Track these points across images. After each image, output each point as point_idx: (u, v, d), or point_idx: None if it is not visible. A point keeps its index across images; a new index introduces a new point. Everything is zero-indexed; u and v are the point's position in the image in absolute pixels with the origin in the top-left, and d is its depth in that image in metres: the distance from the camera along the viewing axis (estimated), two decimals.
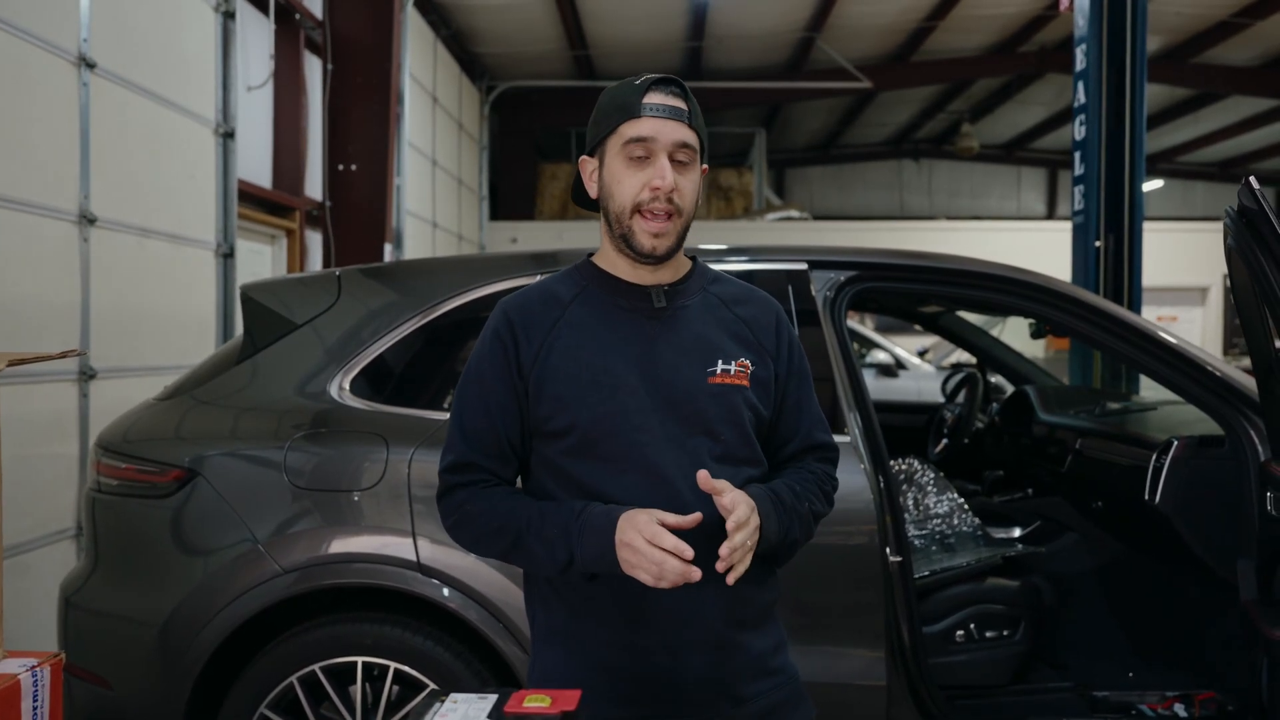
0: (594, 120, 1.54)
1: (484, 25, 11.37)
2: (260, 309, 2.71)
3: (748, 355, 1.55)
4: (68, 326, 4.02)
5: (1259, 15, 11.31)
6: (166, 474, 2.48)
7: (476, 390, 1.53)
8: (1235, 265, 2.14)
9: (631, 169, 1.48)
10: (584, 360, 1.49)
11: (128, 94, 4.48)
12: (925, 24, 12.06)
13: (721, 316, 1.57)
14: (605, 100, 1.54)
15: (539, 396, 1.49)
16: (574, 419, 1.47)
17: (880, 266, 2.79)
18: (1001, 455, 3.95)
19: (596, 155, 1.54)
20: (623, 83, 1.53)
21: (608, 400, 1.47)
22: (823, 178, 19.81)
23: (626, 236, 1.50)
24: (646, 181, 1.47)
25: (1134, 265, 5.80)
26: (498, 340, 1.53)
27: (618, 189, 1.49)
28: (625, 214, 1.49)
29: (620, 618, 1.48)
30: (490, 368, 1.52)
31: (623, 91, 1.51)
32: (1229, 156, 18.45)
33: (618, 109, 1.49)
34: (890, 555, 2.45)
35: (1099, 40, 5.84)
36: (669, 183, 1.46)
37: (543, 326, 1.52)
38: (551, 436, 1.50)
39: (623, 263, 1.54)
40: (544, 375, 1.49)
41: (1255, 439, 2.49)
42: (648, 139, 1.46)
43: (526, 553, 1.46)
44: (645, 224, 1.48)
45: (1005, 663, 2.88)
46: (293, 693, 2.40)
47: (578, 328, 1.52)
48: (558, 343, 1.50)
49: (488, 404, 1.52)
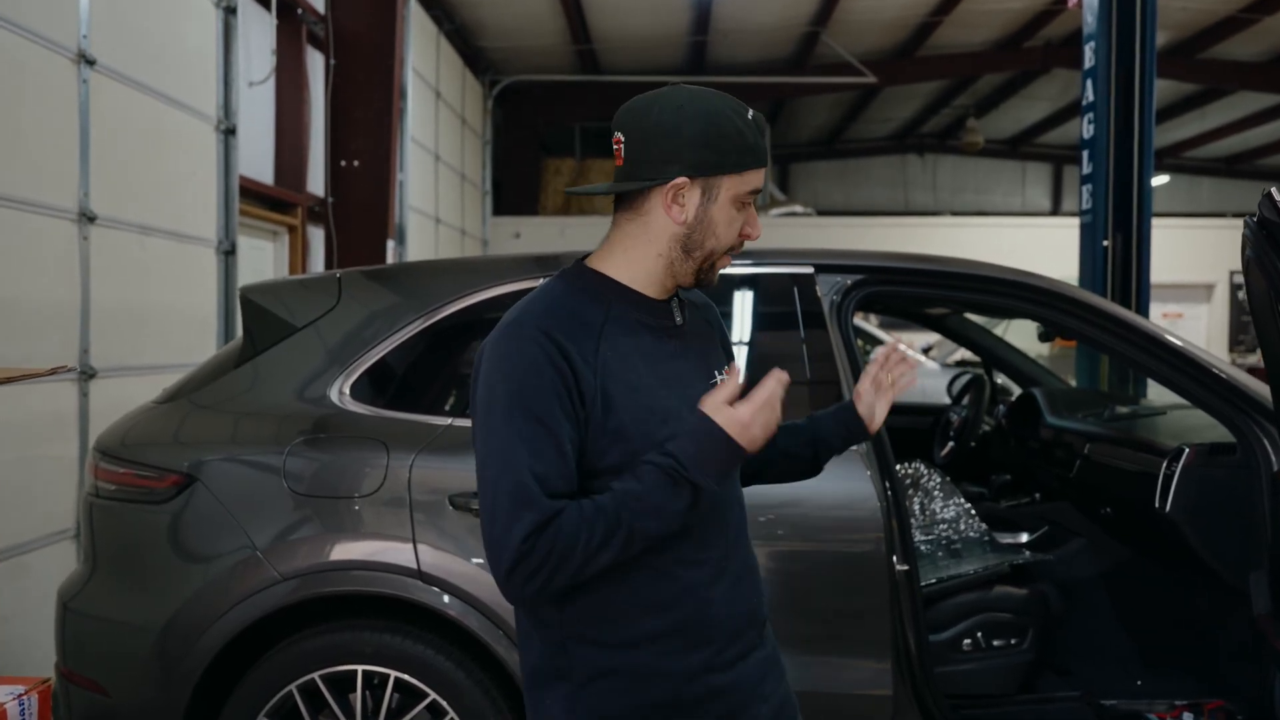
0: (711, 145, 1.39)
1: (487, 19, 11.33)
2: (260, 311, 2.68)
3: (726, 359, 1.61)
4: (67, 325, 3.99)
5: (1267, 11, 11.25)
6: (165, 479, 2.46)
7: (536, 429, 1.32)
8: (1254, 276, 2.12)
9: (737, 214, 1.45)
10: (635, 387, 1.40)
11: (128, 91, 4.45)
12: (930, 19, 12.01)
13: (700, 325, 1.58)
14: (730, 130, 1.40)
15: (601, 429, 1.36)
16: (635, 450, 1.36)
17: (887, 270, 2.76)
18: (1008, 459, 3.92)
19: (700, 182, 1.41)
20: (738, 110, 1.43)
21: (661, 428, 1.38)
22: (827, 173, 19.75)
23: (703, 271, 1.47)
24: (740, 227, 1.46)
25: (1142, 264, 5.77)
26: (550, 366, 1.33)
27: (724, 232, 1.44)
28: (719, 255, 1.46)
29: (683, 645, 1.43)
30: (551, 398, 1.33)
31: (748, 129, 1.42)
32: (1235, 152, 18.38)
33: (747, 151, 1.41)
34: (897, 563, 2.42)
35: (1108, 37, 5.80)
36: (759, 234, 1.48)
37: (588, 349, 1.38)
38: (605, 473, 1.37)
39: (663, 284, 1.47)
40: (606, 406, 1.37)
41: (1268, 447, 2.46)
42: (759, 191, 1.46)
43: (643, 536, 1.33)
44: (726, 262, 1.49)
45: (1012, 672, 2.85)
46: (292, 701, 2.38)
47: (620, 352, 1.41)
48: (607, 369, 1.38)
49: (558, 439, 1.33)
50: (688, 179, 1.40)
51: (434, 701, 2.36)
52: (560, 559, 1.30)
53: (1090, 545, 3.30)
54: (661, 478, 1.32)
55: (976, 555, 3.09)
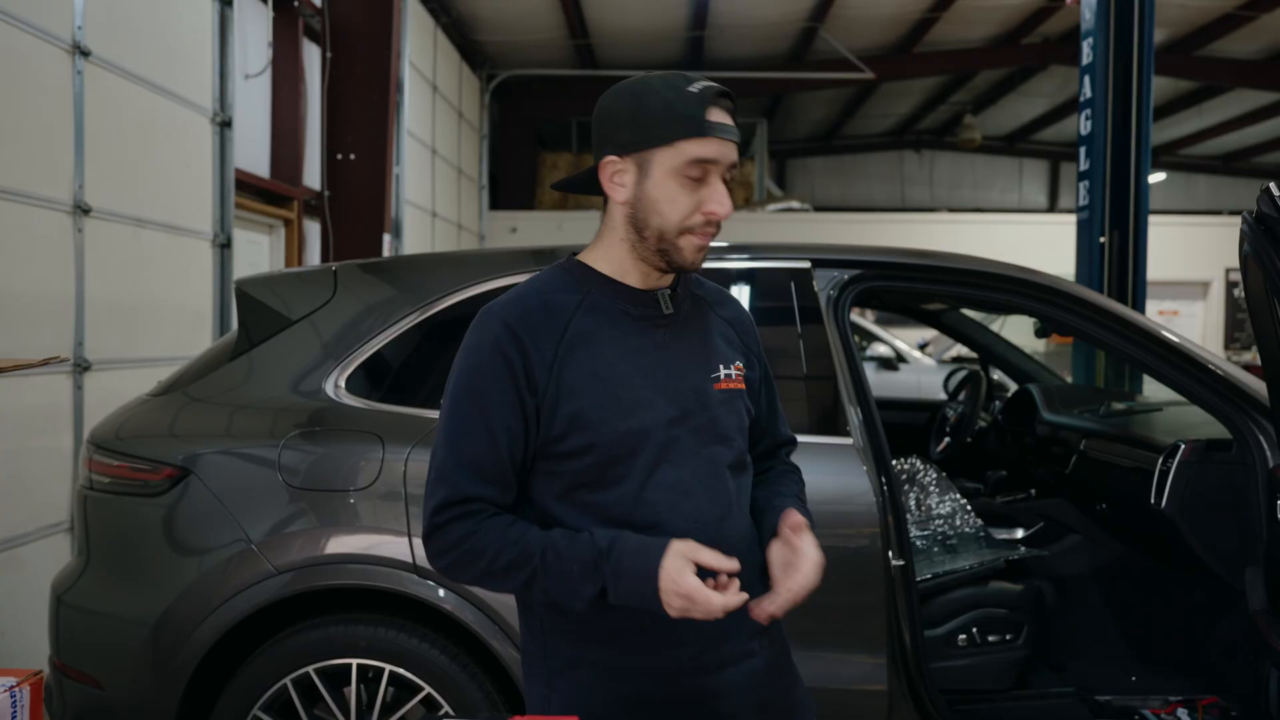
0: (635, 120, 1.37)
1: (484, 13, 11.30)
2: (255, 304, 2.67)
3: (739, 358, 1.53)
4: (62, 318, 3.97)
5: (1264, 8, 11.25)
6: (159, 472, 2.45)
7: (473, 411, 1.38)
8: (1251, 272, 2.11)
9: (686, 189, 1.37)
10: (600, 375, 1.39)
11: (123, 82, 4.43)
12: (928, 15, 12.00)
13: (711, 320, 1.54)
14: (655, 103, 1.36)
15: (553, 416, 1.38)
16: (594, 439, 1.37)
17: (884, 265, 2.75)
18: (1004, 455, 3.92)
19: (633, 159, 1.39)
20: (672, 84, 1.37)
21: (628, 417, 1.38)
22: (824, 169, 19.75)
23: (667, 251, 1.40)
24: (699, 205, 1.37)
25: (1139, 261, 5.77)
26: (500, 354, 1.37)
27: (668, 208, 1.38)
28: (671, 232, 1.39)
29: (646, 643, 1.42)
30: (493, 385, 1.37)
31: (680, 99, 1.36)
32: (1232, 150, 18.40)
33: (678, 120, 1.35)
34: (892, 559, 2.42)
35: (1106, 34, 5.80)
36: (729, 212, 1.38)
37: (550, 338, 1.39)
38: (563, 458, 1.39)
39: (637, 270, 1.44)
40: (560, 393, 1.37)
41: (1264, 444, 2.46)
42: (710, 161, 1.36)
43: (544, 591, 1.36)
44: (694, 239, 1.39)
45: (1007, 667, 2.85)
46: (286, 694, 2.37)
47: (588, 339, 1.40)
48: (570, 356, 1.39)
49: (491, 427, 1.37)
50: (617, 157, 1.40)
51: (428, 695, 2.36)
52: (466, 558, 1.36)
53: (1085, 541, 3.30)
54: (588, 557, 1.33)
55: (972, 551, 3.09)
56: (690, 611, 1.30)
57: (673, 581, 1.29)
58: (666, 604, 1.30)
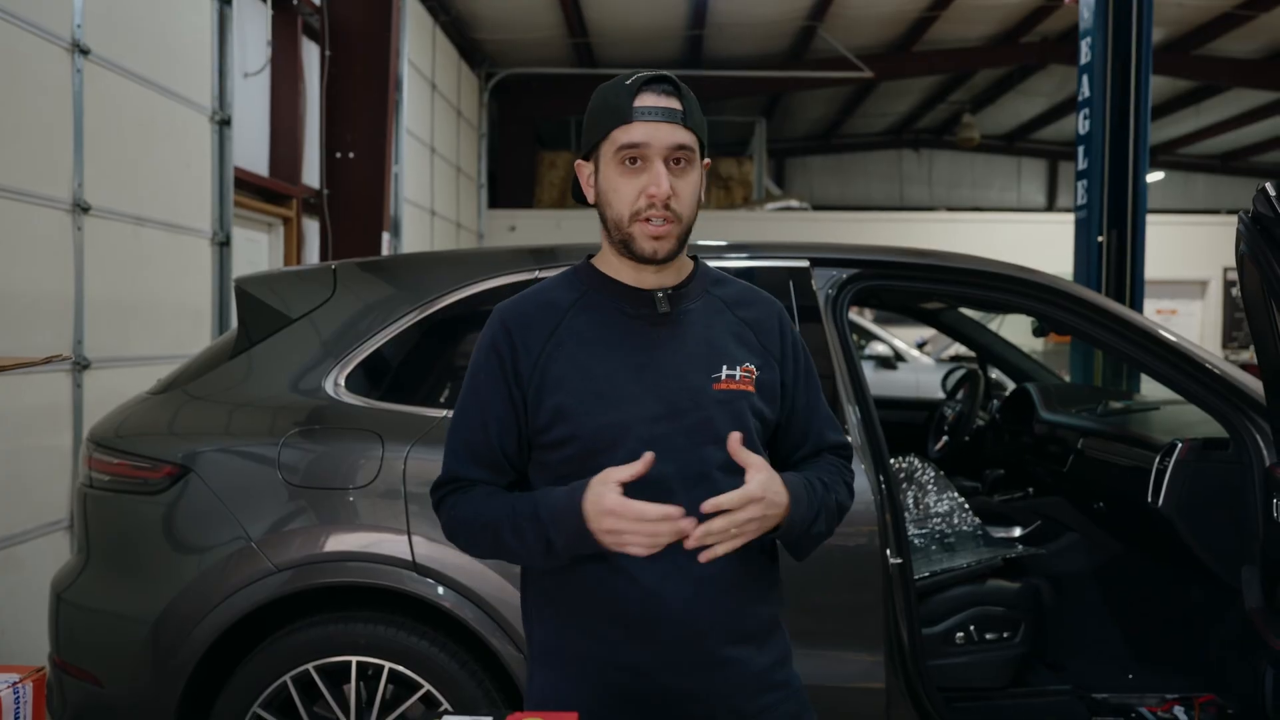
0: (587, 123, 1.48)
1: (483, 11, 11.29)
2: (255, 303, 2.67)
3: (752, 360, 1.51)
4: (61, 316, 3.98)
5: (1262, 8, 11.25)
6: (159, 470, 2.45)
7: (472, 403, 1.51)
8: (1247, 271, 2.12)
9: (627, 176, 1.43)
10: (586, 369, 1.45)
11: (122, 81, 4.43)
12: (927, 14, 11.99)
13: (725, 320, 1.53)
14: (596, 102, 1.47)
15: (538, 407, 1.46)
16: (574, 430, 1.44)
17: (883, 264, 2.76)
18: (1002, 454, 3.93)
19: (592, 159, 1.49)
20: (613, 82, 1.46)
21: (610, 411, 1.43)
22: (823, 167, 19.74)
23: (626, 242, 1.45)
24: (643, 189, 1.42)
25: (1136, 260, 5.78)
26: (493, 351, 1.49)
27: (614, 197, 1.44)
28: (624, 222, 1.44)
29: (619, 636, 1.44)
30: (486, 380, 1.49)
31: (613, 93, 1.43)
32: (1230, 149, 18.40)
33: (610, 112, 1.43)
34: (890, 557, 2.43)
35: (1104, 33, 5.81)
36: (665, 191, 1.40)
37: (541, 334, 1.48)
38: (549, 448, 1.47)
39: (625, 267, 1.49)
40: (544, 385, 1.45)
41: (1261, 443, 2.47)
42: (640, 145, 1.41)
43: (508, 549, 1.44)
44: (646, 228, 1.43)
45: (1005, 665, 2.86)
46: (286, 692, 2.38)
47: (578, 335, 1.47)
48: (558, 351, 1.46)
49: (484, 417, 1.49)
50: (582, 160, 1.51)
51: (428, 693, 2.36)
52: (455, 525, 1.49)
53: (1083, 540, 3.31)
54: (529, 511, 1.41)
55: (970, 549, 3.09)
56: (625, 535, 1.32)
57: (595, 505, 1.33)
58: (599, 534, 1.34)
